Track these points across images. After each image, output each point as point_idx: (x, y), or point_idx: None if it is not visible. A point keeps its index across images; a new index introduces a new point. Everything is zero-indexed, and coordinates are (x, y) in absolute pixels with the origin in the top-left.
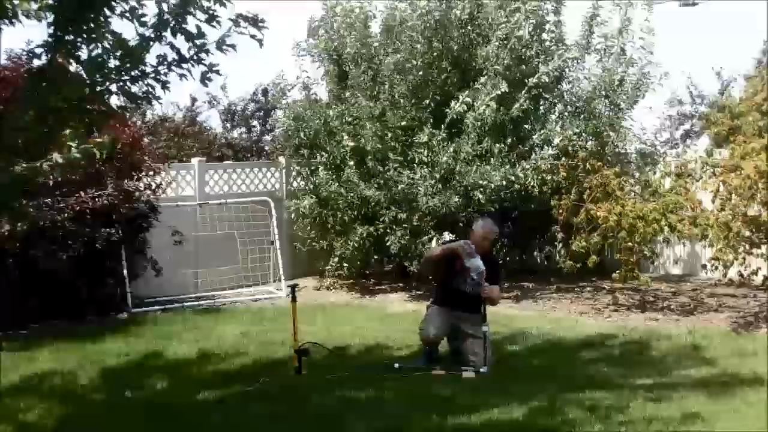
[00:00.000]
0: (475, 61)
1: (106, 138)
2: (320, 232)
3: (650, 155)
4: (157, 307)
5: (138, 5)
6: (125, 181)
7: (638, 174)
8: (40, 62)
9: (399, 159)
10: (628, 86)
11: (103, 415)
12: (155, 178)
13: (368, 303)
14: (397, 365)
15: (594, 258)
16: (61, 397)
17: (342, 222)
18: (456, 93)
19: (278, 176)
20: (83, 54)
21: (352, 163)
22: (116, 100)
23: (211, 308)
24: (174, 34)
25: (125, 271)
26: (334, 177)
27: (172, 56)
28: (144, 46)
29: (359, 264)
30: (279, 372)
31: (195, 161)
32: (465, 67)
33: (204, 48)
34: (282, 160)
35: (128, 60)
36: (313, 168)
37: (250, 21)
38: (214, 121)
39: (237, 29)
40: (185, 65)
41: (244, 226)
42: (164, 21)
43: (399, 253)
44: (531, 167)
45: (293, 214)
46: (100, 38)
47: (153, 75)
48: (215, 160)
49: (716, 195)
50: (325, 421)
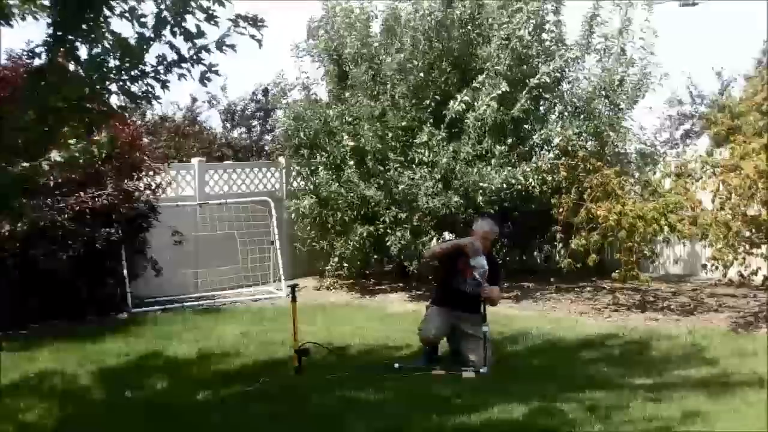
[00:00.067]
0: (476, 62)
1: (105, 136)
2: (320, 232)
3: (650, 155)
4: (157, 307)
5: (137, 5)
6: (125, 181)
7: (638, 174)
8: (41, 62)
9: (399, 159)
10: (628, 86)
11: (103, 415)
12: (155, 178)
13: (368, 303)
14: (397, 365)
15: (594, 256)
16: (61, 397)
17: (342, 222)
18: (456, 93)
19: (278, 176)
20: (83, 53)
21: (352, 163)
22: (116, 100)
23: (211, 308)
24: (173, 34)
25: (125, 271)
26: (334, 177)
27: (172, 56)
28: (143, 46)
29: (359, 264)
30: (279, 372)
31: (195, 161)
32: (465, 67)
33: (204, 48)
34: (282, 160)
35: (128, 59)
36: (313, 168)
37: (250, 21)
38: (215, 121)
39: (236, 29)
40: (185, 65)
41: (244, 226)
42: (162, 19)
43: (399, 254)
44: (531, 169)
45: (293, 214)
46: (100, 38)
47: (153, 74)
48: (215, 160)
49: (716, 194)
50: (325, 421)
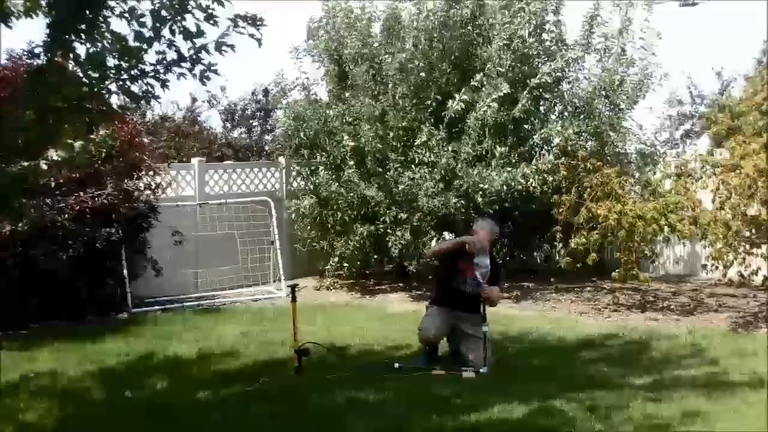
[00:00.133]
0: (476, 62)
1: (103, 134)
2: (320, 232)
3: (650, 155)
4: (157, 307)
5: (137, 4)
6: (125, 181)
7: (638, 174)
8: (40, 62)
9: (400, 159)
10: (628, 86)
11: (103, 415)
12: (155, 178)
13: (368, 303)
14: (397, 365)
15: (593, 255)
16: (61, 397)
17: (342, 222)
18: (456, 93)
19: (278, 176)
20: (83, 53)
21: (352, 163)
22: (116, 100)
23: (211, 308)
24: (172, 33)
25: (125, 271)
26: (334, 177)
27: (172, 55)
28: (143, 45)
29: (359, 264)
30: (279, 372)
31: (195, 161)
32: (466, 68)
33: (203, 48)
34: (282, 160)
35: (127, 59)
36: (313, 168)
37: (249, 20)
38: (215, 121)
39: (236, 29)
40: (184, 64)
41: (244, 226)
42: (159, 17)
43: (400, 254)
44: (532, 170)
45: (293, 215)
46: (100, 37)
47: (152, 74)
48: (215, 160)
49: (716, 194)
50: (325, 421)
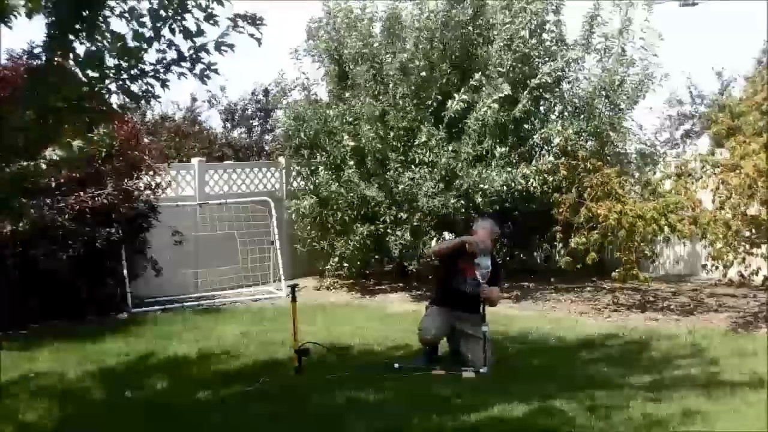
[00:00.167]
0: (476, 63)
1: (101, 131)
2: (320, 232)
3: (650, 155)
4: (157, 307)
5: (137, 4)
6: (125, 181)
7: (638, 174)
8: (40, 62)
9: (400, 159)
10: (629, 86)
11: (103, 415)
12: (155, 178)
13: (368, 303)
14: (397, 365)
15: (593, 255)
16: (61, 397)
17: (342, 222)
18: (456, 93)
19: (278, 176)
20: (83, 53)
21: (352, 163)
22: (116, 99)
23: (211, 308)
24: (172, 32)
25: (125, 271)
26: (334, 177)
27: (172, 55)
28: (142, 45)
29: (359, 264)
30: (279, 372)
31: (195, 161)
32: (466, 68)
33: (202, 47)
34: (282, 160)
35: (127, 59)
36: (313, 168)
37: (248, 20)
38: (215, 121)
39: (235, 29)
40: (184, 64)
41: (244, 226)
42: (159, 16)
43: (401, 254)
44: (532, 171)
45: (293, 215)
46: (101, 37)
47: (152, 74)
48: (216, 160)
49: (716, 193)
50: (325, 421)
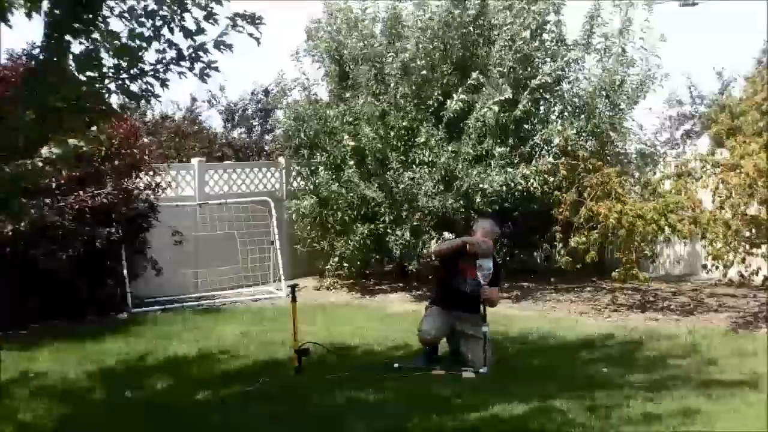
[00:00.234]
0: (477, 63)
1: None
2: (320, 232)
3: (650, 155)
4: (157, 307)
5: (136, 4)
6: (125, 180)
7: (638, 174)
8: (39, 62)
9: (401, 159)
10: (629, 86)
11: (103, 415)
12: (155, 178)
13: (368, 303)
14: (397, 365)
15: (593, 253)
16: (61, 397)
17: (342, 222)
18: (455, 93)
19: (278, 176)
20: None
21: (353, 163)
22: (116, 99)
23: (211, 308)
24: (171, 31)
25: (125, 271)
26: (334, 177)
27: (171, 54)
28: (141, 44)
29: (359, 264)
30: (279, 372)
31: (195, 161)
32: (467, 68)
33: (202, 47)
34: (282, 160)
35: (127, 58)
36: (313, 168)
37: (248, 19)
38: (215, 121)
39: (235, 28)
40: (184, 63)
41: (244, 226)
42: (151, 13)
43: (401, 254)
44: (532, 171)
45: (293, 215)
46: (101, 37)
47: (152, 73)
48: (216, 160)
49: (715, 193)
50: (325, 421)
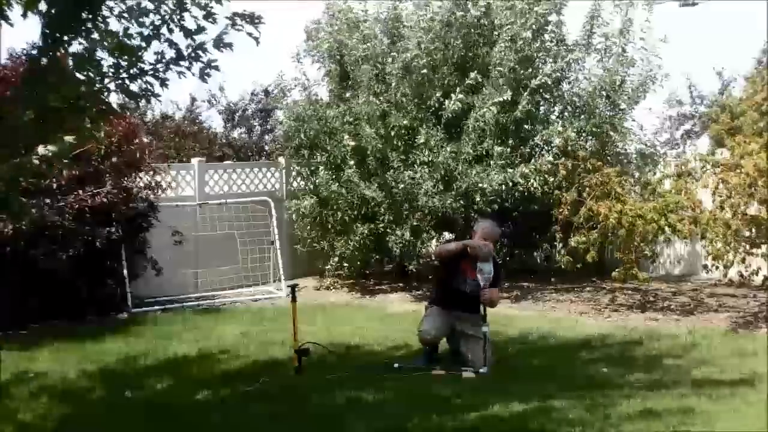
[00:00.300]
0: (478, 62)
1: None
2: (320, 232)
3: (650, 156)
4: (157, 307)
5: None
6: (124, 179)
7: (638, 174)
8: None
9: (401, 159)
10: (629, 87)
11: (103, 415)
12: (155, 177)
13: (368, 303)
14: (397, 365)
15: (592, 253)
16: (61, 397)
17: (342, 222)
18: (454, 94)
19: (278, 176)
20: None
21: (353, 163)
22: (116, 99)
23: (211, 308)
24: (170, 31)
25: (125, 271)
26: (334, 177)
27: (170, 54)
28: (141, 44)
29: (359, 264)
30: (279, 372)
31: (195, 161)
32: (468, 68)
33: (202, 46)
34: (282, 160)
35: (126, 58)
36: (313, 168)
37: (247, 19)
38: (215, 121)
39: (234, 27)
40: (183, 63)
41: (244, 226)
42: (150, 12)
43: (401, 254)
44: (531, 171)
45: (293, 215)
46: (101, 37)
47: (152, 72)
48: (216, 160)
49: (715, 193)
50: (325, 421)
